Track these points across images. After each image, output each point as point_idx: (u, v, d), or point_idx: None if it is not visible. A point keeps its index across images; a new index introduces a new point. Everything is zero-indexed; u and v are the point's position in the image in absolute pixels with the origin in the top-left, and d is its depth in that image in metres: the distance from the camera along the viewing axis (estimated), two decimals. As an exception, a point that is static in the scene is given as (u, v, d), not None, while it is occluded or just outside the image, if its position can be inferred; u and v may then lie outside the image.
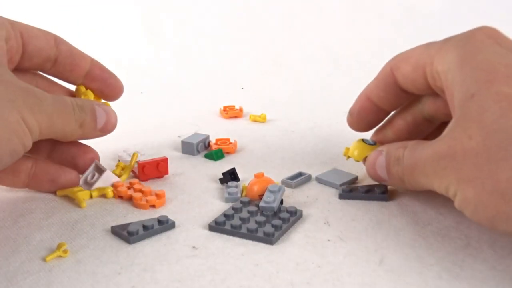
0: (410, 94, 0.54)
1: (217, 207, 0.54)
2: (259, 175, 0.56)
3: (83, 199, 0.54)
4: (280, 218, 0.50)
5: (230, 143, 0.67)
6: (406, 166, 0.49)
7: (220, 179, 0.58)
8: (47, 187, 0.55)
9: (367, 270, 0.45)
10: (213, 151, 0.64)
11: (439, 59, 0.48)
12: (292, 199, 0.55)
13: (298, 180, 0.58)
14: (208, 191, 0.57)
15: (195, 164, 0.63)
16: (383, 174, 0.52)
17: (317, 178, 0.59)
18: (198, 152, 0.66)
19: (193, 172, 0.61)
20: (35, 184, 0.55)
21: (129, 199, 0.55)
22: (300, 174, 0.59)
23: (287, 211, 0.51)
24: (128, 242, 0.48)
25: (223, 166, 0.61)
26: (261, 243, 0.48)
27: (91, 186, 0.55)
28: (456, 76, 0.46)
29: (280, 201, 0.53)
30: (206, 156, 0.65)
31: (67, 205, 0.54)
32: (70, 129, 0.52)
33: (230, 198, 0.55)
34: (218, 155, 0.64)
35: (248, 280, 0.44)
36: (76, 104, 0.52)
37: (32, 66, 0.55)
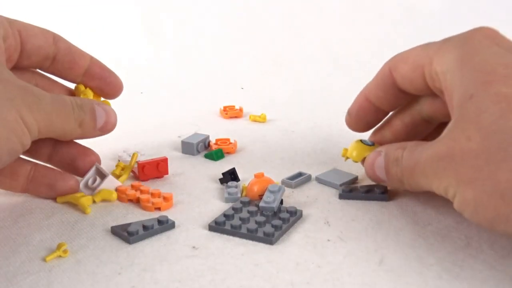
0: (409, 94, 0.53)
1: (217, 207, 0.54)
2: (259, 175, 0.56)
3: (87, 205, 0.53)
4: (280, 218, 0.50)
5: (230, 143, 0.67)
6: (405, 167, 0.49)
7: (220, 179, 0.58)
8: (45, 192, 0.54)
9: (367, 270, 0.45)
10: (213, 151, 0.64)
11: (437, 60, 0.48)
12: (292, 199, 0.55)
13: (298, 180, 0.58)
14: (208, 191, 0.57)
15: (195, 164, 0.63)
16: (382, 175, 0.52)
17: (317, 178, 0.59)
18: (198, 152, 0.66)
19: (193, 172, 0.61)
20: (33, 189, 0.54)
21: (137, 202, 0.55)
22: (300, 174, 0.59)
23: (287, 211, 0.51)
24: (128, 242, 0.48)
25: (223, 166, 0.61)
26: (261, 243, 0.48)
27: (93, 191, 0.54)
28: (454, 77, 0.46)
29: (280, 201, 0.53)
30: (206, 156, 0.65)
31: (67, 205, 0.54)
32: (69, 128, 0.52)
33: (230, 198, 0.55)
34: (218, 155, 0.64)
35: (248, 280, 0.44)
36: (75, 103, 0.52)
37: (30, 64, 0.55)
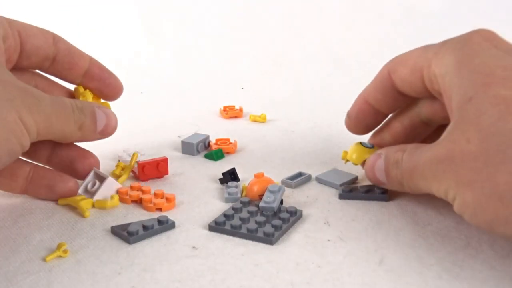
0: (408, 97, 0.53)
1: (217, 207, 0.54)
2: (259, 175, 0.56)
3: (86, 208, 0.53)
4: (280, 218, 0.50)
5: (230, 143, 0.67)
6: (404, 169, 0.49)
7: (220, 179, 0.58)
8: (44, 193, 0.54)
9: (367, 270, 0.45)
10: (213, 151, 0.64)
11: (436, 62, 0.48)
12: (292, 199, 0.55)
13: (298, 180, 0.58)
14: (208, 191, 0.57)
15: (195, 164, 0.63)
16: (382, 177, 0.52)
17: (317, 178, 0.59)
18: (198, 152, 0.66)
19: (193, 172, 0.61)
20: (32, 190, 0.54)
21: (140, 202, 0.55)
22: (300, 174, 0.59)
23: (287, 211, 0.51)
24: (128, 242, 0.48)
25: (223, 166, 0.61)
26: (261, 243, 0.48)
27: (93, 195, 0.54)
28: (453, 79, 0.46)
29: (280, 201, 0.53)
30: (206, 156, 0.65)
31: (67, 206, 0.54)
32: (69, 130, 0.51)
33: (230, 198, 0.55)
34: (218, 155, 0.64)
35: (248, 280, 0.44)
36: (75, 105, 0.52)
37: (30, 65, 0.55)
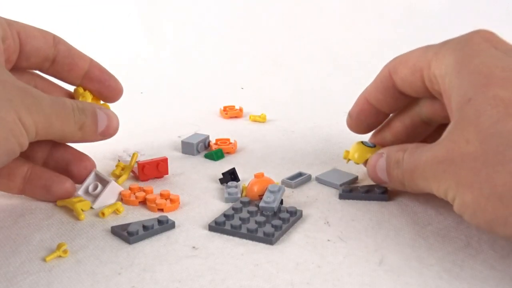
0: (408, 96, 0.54)
1: (217, 207, 0.54)
2: (259, 175, 0.56)
3: (81, 210, 0.52)
4: (280, 218, 0.50)
5: (230, 143, 0.67)
6: (405, 169, 0.49)
7: (220, 179, 0.58)
8: (41, 194, 0.54)
9: (367, 270, 0.45)
10: (213, 151, 0.64)
11: (436, 63, 0.48)
12: (292, 199, 0.55)
13: (298, 180, 0.58)
14: (208, 191, 0.57)
15: (195, 164, 0.63)
16: (383, 176, 0.52)
17: (317, 178, 0.59)
18: (198, 152, 0.66)
19: (193, 172, 0.61)
20: (29, 190, 0.54)
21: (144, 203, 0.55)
22: (300, 174, 0.59)
23: (287, 211, 0.51)
24: (128, 242, 0.48)
25: (223, 166, 0.61)
26: (261, 243, 0.48)
27: (95, 198, 0.54)
28: (453, 80, 0.46)
29: (280, 201, 0.53)
30: (206, 156, 0.65)
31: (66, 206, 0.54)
32: (69, 130, 0.51)
33: (230, 198, 0.55)
34: (218, 155, 0.64)
35: (248, 280, 0.44)
36: (76, 106, 0.52)
37: (30, 65, 0.55)
